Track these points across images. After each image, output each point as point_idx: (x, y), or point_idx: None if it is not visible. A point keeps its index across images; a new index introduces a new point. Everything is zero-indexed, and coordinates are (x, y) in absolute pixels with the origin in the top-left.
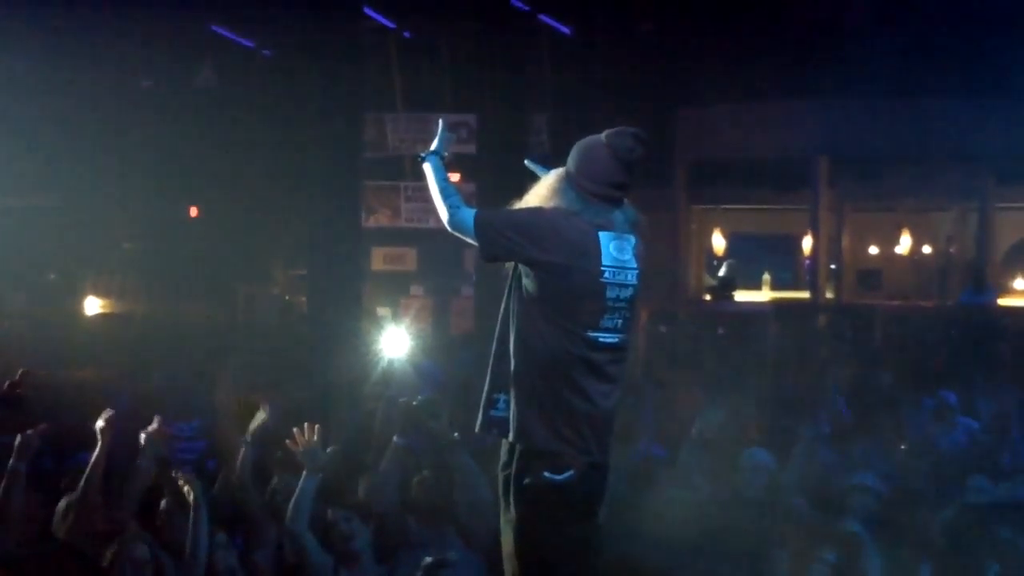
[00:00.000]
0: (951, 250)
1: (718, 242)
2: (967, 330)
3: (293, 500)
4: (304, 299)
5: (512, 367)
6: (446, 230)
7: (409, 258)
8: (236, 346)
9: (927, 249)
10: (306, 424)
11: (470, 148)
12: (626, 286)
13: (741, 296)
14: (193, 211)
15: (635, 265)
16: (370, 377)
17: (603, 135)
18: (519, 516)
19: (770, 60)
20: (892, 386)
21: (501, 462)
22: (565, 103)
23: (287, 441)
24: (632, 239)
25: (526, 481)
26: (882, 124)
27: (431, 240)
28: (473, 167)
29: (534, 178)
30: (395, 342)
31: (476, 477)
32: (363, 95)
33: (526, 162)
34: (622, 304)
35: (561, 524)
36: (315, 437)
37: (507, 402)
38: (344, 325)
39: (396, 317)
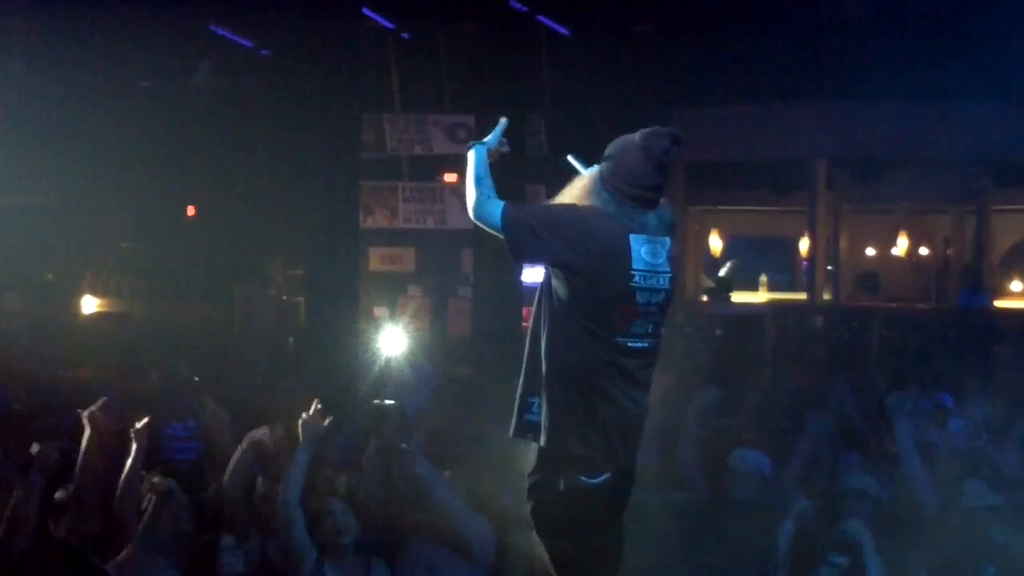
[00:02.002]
0: (948, 252)
1: (715, 243)
2: (964, 332)
3: (286, 473)
4: (301, 299)
5: (543, 371)
6: (444, 231)
7: (407, 259)
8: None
9: (924, 251)
10: (314, 402)
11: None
12: (658, 291)
13: (738, 297)
14: (190, 211)
15: (668, 269)
16: (366, 376)
17: (637, 135)
18: (547, 520)
19: (768, 62)
20: (888, 388)
21: (530, 466)
22: (563, 104)
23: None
24: (667, 241)
25: (561, 486)
26: (880, 126)
27: (429, 241)
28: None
29: (538, 177)
30: (392, 341)
31: (434, 487)
32: (361, 95)
33: (569, 158)
34: (653, 309)
35: (588, 529)
36: (316, 412)
37: (540, 406)
38: (341, 325)
39: (393, 317)
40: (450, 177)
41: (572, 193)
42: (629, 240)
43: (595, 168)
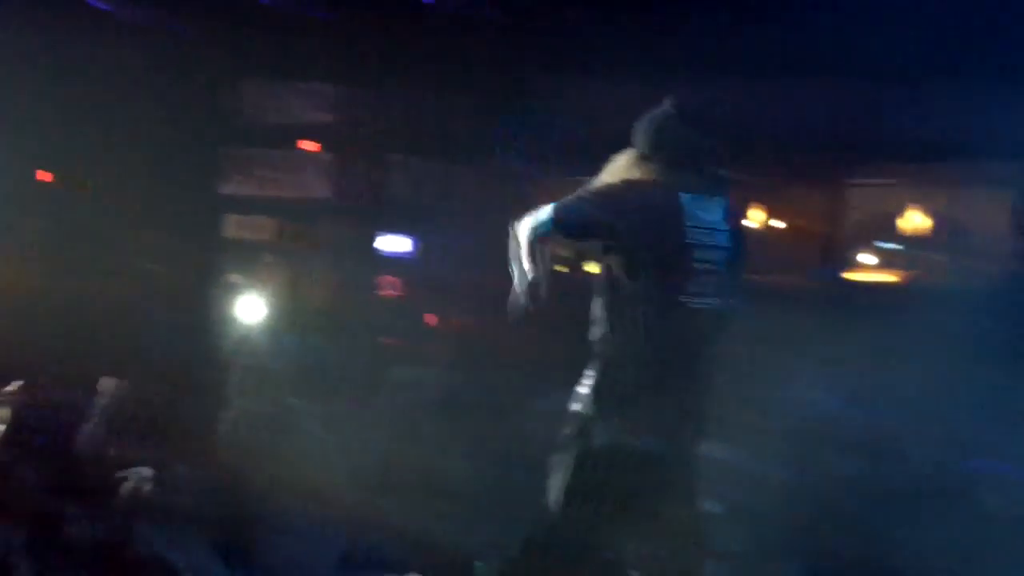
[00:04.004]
0: (802, 225)
1: None
2: (818, 304)
3: None
4: (161, 267)
5: (605, 345)
6: (304, 199)
7: (265, 226)
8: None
9: (779, 224)
10: None
11: (327, 118)
12: (719, 248)
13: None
14: (45, 176)
15: (726, 227)
16: (227, 345)
17: (667, 103)
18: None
19: (623, 39)
20: (743, 359)
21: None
22: (423, 75)
23: None
24: (722, 200)
25: (595, 444)
26: (736, 102)
27: (289, 209)
28: (330, 137)
29: (389, 148)
30: (251, 310)
31: (313, 448)
32: (220, 61)
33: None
34: (712, 268)
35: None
36: None
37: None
38: (200, 293)
39: (253, 285)
40: (308, 145)
41: (614, 175)
42: (680, 198)
43: (623, 154)
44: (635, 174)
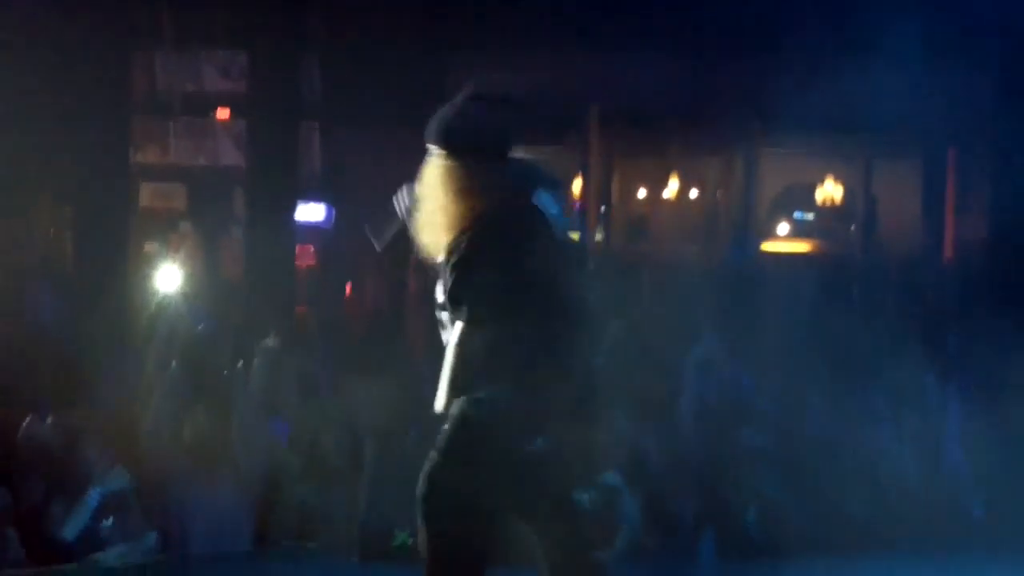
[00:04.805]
0: (718, 195)
1: None
2: (733, 278)
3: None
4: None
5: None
6: (216, 168)
7: (178, 195)
8: None
9: (694, 194)
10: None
11: (241, 86)
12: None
13: None
14: None
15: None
16: (142, 312)
17: (465, 95)
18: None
19: (541, 9)
20: (659, 335)
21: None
22: (339, 43)
23: None
24: (555, 187)
25: (509, 448)
26: (652, 74)
27: (201, 177)
28: (244, 106)
29: (311, 114)
30: (167, 277)
31: (254, 412)
32: (131, 30)
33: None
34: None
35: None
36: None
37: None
38: (112, 260)
39: (166, 254)
40: (222, 114)
41: (454, 190)
42: (542, 207)
43: (439, 164)
44: (482, 180)
